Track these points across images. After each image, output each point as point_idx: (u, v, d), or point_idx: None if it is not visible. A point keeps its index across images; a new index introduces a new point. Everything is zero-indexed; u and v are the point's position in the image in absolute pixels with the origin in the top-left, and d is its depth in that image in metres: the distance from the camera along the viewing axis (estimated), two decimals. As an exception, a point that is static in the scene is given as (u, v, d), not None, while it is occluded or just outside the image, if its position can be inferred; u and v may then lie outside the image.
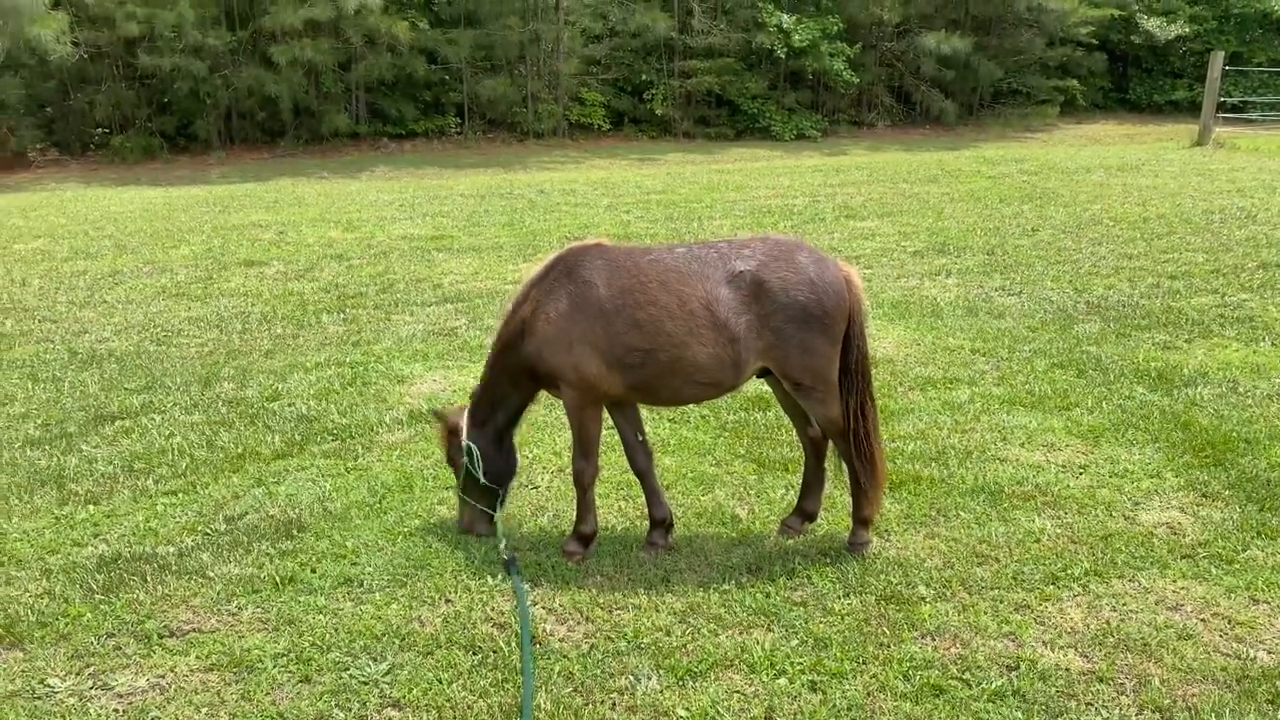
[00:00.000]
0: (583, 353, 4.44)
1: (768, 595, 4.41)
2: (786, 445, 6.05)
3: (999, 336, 8.33)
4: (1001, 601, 4.34)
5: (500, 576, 4.58)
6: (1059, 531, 4.95)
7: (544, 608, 4.37)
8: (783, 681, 3.84)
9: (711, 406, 6.75)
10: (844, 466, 4.78)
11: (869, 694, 3.76)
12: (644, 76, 31.45)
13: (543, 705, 3.71)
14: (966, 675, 3.85)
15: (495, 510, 4.93)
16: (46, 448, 6.44)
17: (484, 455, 4.84)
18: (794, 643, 4.06)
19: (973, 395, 6.93)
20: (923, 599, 4.36)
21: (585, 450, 4.64)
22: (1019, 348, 7.99)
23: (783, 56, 30.10)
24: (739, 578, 4.56)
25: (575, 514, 4.82)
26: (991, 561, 4.67)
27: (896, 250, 12.12)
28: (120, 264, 12.36)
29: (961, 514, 5.15)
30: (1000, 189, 17.29)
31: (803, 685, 3.82)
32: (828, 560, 4.70)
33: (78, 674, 3.98)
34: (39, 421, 6.92)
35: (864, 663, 3.94)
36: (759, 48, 30.45)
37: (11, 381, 7.85)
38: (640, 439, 4.85)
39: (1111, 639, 4.06)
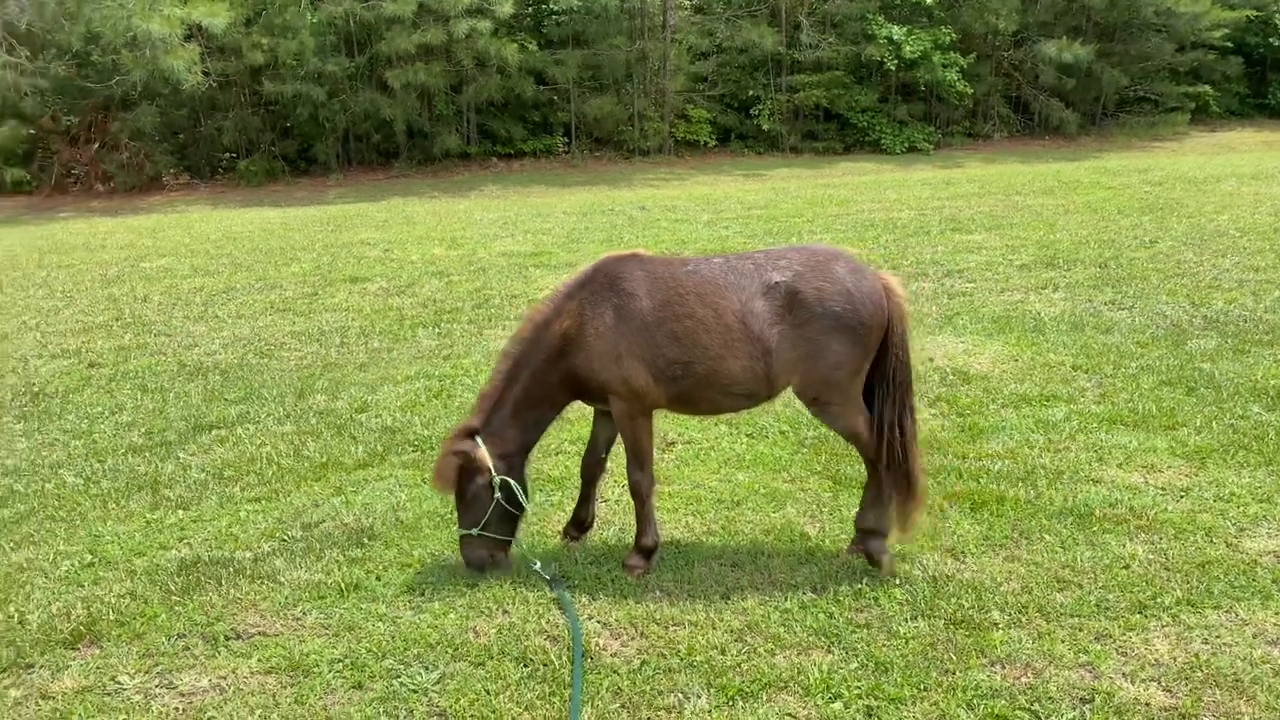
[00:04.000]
0: (631, 365, 4.40)
1: (830, 616, 4.26)
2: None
3: (1104, 352, 7.92)
4: (1081, 630, 4.08)
5: (553, 593, 4.54)
6: (1152, 557, 4.64)
7: (599, 622, 4.31)
8: (837, 706, 3.68)
9: (791, 422, 6.60)
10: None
11: (928, 723, 3.58)
12: (751, 92, 31.25)
13: (588, 721, 3.65)
14: (1035, 706, 3.63)
15: (515, 539, 4.74)
16: (147, 454, 6.72)
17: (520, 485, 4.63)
18: (853, 666, 3.90)
19: (1069, 413, 6.59)
20: (995, 624, 4.14)
21: (640, 461, 4.59)
22: (1125, 364, 7.58)
23: (893, 69, 29.49)
24: (802, 596, 4.41)
25: (636, 527, 4.75)
26: (1074, 587, 4.41)
27: (1002, 264, 11.69)
28: (235, 280, 12.90)
29: (1046, 537, 4.88)
30: (1119, 200, 16.55)
31: (858, 710, 3.66)
32: (897, 581, 4.51)
33: (146, 672, 4.10)
34: (143, 430, 7.24)
35: (925, 689, 3.75)
36: (869, 60, 29.90)
37: (124, 391, 8.25)
38: (604, 455, 4.97)
39: (1200, 673, 3.77)
